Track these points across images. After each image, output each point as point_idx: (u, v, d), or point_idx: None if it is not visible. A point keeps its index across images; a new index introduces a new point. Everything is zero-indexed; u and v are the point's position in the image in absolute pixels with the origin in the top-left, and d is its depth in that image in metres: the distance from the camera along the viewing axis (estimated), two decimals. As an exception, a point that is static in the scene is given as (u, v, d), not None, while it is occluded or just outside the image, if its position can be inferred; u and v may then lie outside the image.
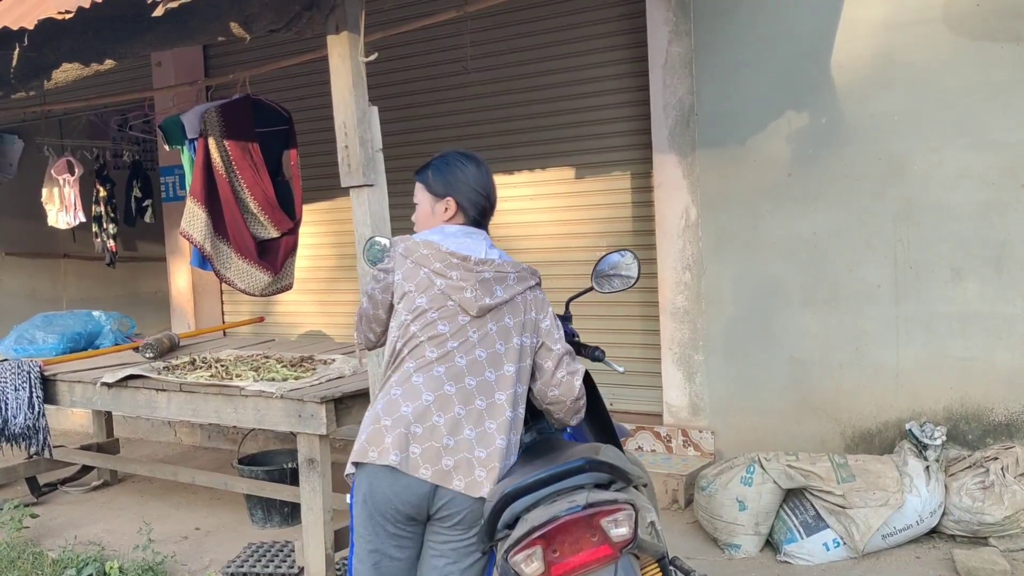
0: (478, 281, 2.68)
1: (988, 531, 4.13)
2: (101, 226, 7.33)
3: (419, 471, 2.54)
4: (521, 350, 2.69)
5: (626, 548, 2.37)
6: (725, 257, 5.09)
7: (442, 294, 2.68)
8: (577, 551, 2.34)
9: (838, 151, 4.75)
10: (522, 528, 2.34)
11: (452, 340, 2.65)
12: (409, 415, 2.58)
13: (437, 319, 2.67)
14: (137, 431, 7.29)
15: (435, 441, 2.56)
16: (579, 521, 2.34)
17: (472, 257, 2.71)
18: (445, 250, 2.71)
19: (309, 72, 5.96)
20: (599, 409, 2.97)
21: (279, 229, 5.59)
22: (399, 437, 2.56)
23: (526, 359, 2.71)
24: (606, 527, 2.35)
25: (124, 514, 5.47)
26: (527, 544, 2.32)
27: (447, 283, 2.68)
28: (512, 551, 2.34)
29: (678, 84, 5.13)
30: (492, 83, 5.95)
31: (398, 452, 2.55)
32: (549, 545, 2.33)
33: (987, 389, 4.49)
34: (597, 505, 2.35)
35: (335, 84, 3.66)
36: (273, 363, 4.79)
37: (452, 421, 2.59)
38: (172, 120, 5.68)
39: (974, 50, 4.41)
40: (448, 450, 2.56)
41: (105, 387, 4.75)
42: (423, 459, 2.55)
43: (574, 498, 2.36)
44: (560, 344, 2.76)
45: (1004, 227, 4.41)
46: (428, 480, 2.53)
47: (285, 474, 5.01)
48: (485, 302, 2.67)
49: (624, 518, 2.36)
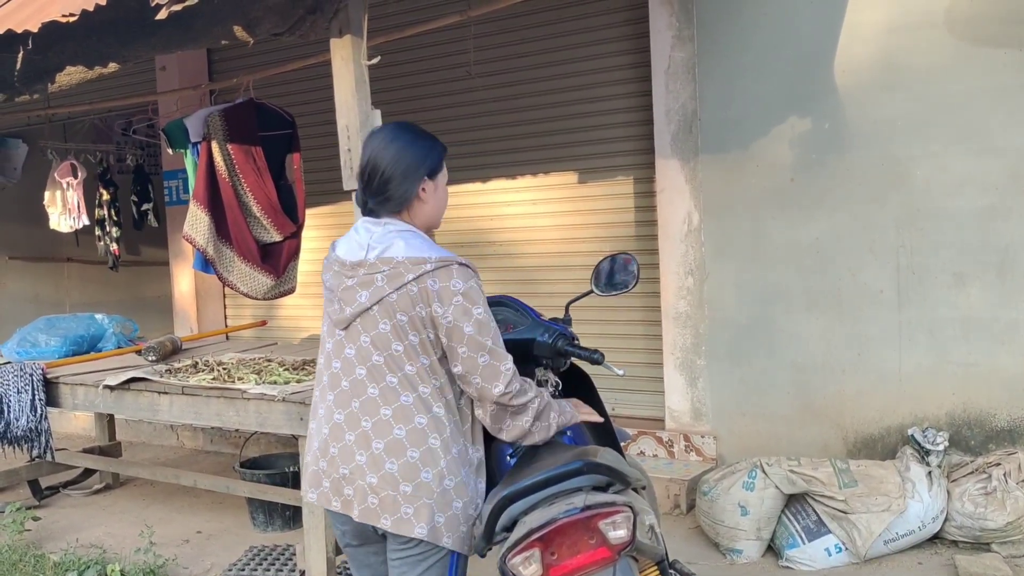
0: (343, 290, 2.54)
1: (990, 537, 4.12)
2: (104, 230, 7.35)
3: (331, 504, 2.55)
4: (414, 349, 2.48)
5: (624, 550, 2.36)
6: (727, 262, 5.09)
7: (327, 311, 2.62)
8: (575, 553, 2.33)
9: (841, 156, 4.75)
10: (520, 530, 2.34)
11: (335, 361, 2.57)
12: (316, 450, 2.59)
13: (326, 339, 2.62)
14: (139, 435, 7.30)
15: (335, 472, 2.53)
16: (577, 523, 2.32)
17: (348, 261, 2.56)
18: (332, 257, 2.63)
19: (313, 76, 5.97)
20: (599, 413, 2.95)
21: (282, 233, 5.59)
22: (313, 475, 2.59)
23: (428, 355, 2.49)
24: (604, 529, 2.33)
25: (126, 517, 5.47)
26: (525, 546, 2.31)
27: (327, 296, 2.61)
28: (510, 554, 2.33)
29: (681, 89, 5.14)
30: (495, 88, 5.96)
31: (314, 489, 2.58)
32: (547, 547, 2.32)
33: (989, 394, 4.48)
34: (595, 507, 2.34)
35: (338, 87, 3.68)
36: (275, 366, 4.79)
37: (344, 450, 2.52)
38: (175, 124, 5.69)
39: (977, 55, 4.41)
40: (346, 480, 2.51)
41: (107, 390, 4.75)
42: (333, 493, 2.54)
43: (572, 500, 2.35)
44: (466, 345, 2.45)
45: (1007, 232, 4.41)
46: (354, 517, 2.51)
47: (287, 478, 5.01)
48: (346, 313, 2.52)
49: (622, 520, 2.34)
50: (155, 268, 8.04)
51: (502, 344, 2.50)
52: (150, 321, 7.63)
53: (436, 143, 2.66)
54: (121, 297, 8.29)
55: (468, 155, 6.13)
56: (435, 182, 2.64)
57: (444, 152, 2.68)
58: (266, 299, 5.83)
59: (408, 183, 2.57)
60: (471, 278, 2.50)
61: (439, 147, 2.67)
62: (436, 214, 2.69)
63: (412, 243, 2.54)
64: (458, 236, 6.11)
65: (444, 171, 2.69)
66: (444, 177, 2.69)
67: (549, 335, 2.87)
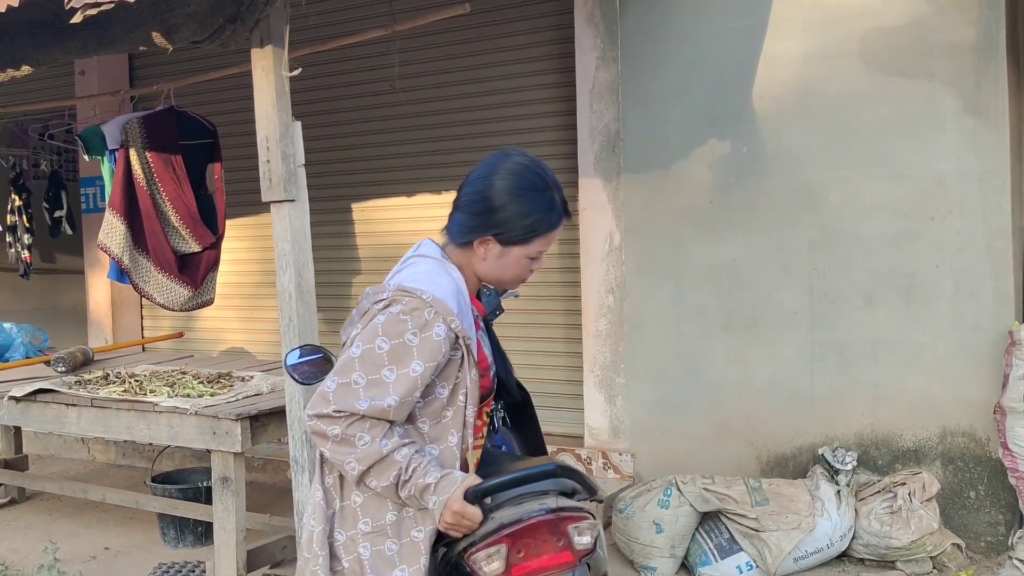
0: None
1: (895, 555, 4.22)
2: (16, 236, 7.15)
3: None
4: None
5: (585, 557, 2.37)
6: (647, 281, 5.14)
7: None
8: (540, 554, 2.32)
9: (758, 180, 4.84)
10: (490, 525, 2.27)
11: None
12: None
13: None
14: (49, 448, 7.09)
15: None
16: (547, 524, 2.32)
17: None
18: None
19: (235, 86, 5.88)
20: (532, 427, 2.91)
21: (201, 243, 5.50)
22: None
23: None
24: (571, 533, 2.33)
25: (31, 533, 5.31)
26: (492, 542, 2.27)
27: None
28: (474, 548, 2.28)
29: (604, 110, 5.19)
30: (420, 103, 5.96)
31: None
32: (514, 545, 2.29)
33: (897, 415, 4.59)
34: (566, 511, 2.34)
35: (258, 98, 3.63)
36: (189, 379, 4.70)
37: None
38: (92, 130, 5.57)
39: (889, 85, 4.54)
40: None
41: (13, 401, 4.61)
42: None
43: (544, 501, 2.34)
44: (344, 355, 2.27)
45: (914, 257, 4.54)
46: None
47: (200, 493, 4.91)
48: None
49: (587, 527, 2.35)
50: (70, 277, 7.85)
51: (367, 381, 2.19)
52: (64, 331, 7.43)
53: (549, 214, 2.32)
54: (34, 306, 8.07)
55: (391, 169, 6.11)
56: (505, 249, 2.34)
57: (548, 228, 2.33)
58: (183, 311, 5.73)
59: (473, 222, 2.34)
60: (415, 320, 2.19)
61: (543, 222, 2.32)
62: (493, 276, 2.41)
63: (413, 271, 2.34)
64: (380, 251, 6.09)
65: (532, 247, 2.35)
66: (526, 252, 2.35)
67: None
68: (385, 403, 2.17)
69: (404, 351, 2.19)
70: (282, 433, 4.17)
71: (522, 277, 2.41)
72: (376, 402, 2.17)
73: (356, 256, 6.36)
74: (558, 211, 2.34)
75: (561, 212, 2.34)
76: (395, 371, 2.18)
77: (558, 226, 2.35)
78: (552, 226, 2.33)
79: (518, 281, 2.44)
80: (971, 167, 4.40)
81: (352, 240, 6.37)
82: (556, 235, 2.37)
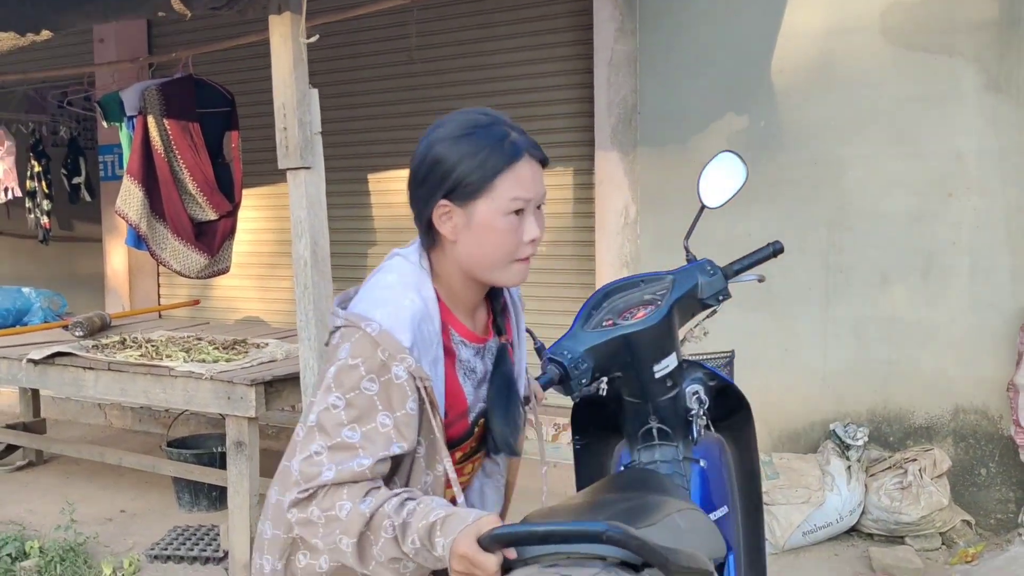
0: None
1: (904, 530, 4.24)
2: (35, 202, 7.20)
3: None
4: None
5: None
6: (662, 256, 5.13)
7: None
8: None
9: (775, 155, 4.82)
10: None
11: None
12: None
13: None
14: (66, 412, 7.17)
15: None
16: None
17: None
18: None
19: (253, 55, 5.90)
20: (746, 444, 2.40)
21: (217, 211, 5.53)
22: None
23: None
24: None
25: (48, 495, 5.38)
26: None
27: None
28: None
29: (622, 82, 5.17)
30: (436, 74, 5.95)
31: None
32: None
33: (909, 393, 4.59)
34: None
35: (275, 65, 3.64)
36: (205, 345, 4.74)
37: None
38: (111, 97, 5.60)
39: (909, 60, 4.51)
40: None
41: (31, 364, 4.67)
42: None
43: (585, 570, 1.63)
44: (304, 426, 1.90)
45: (932, 236, 4.52)
46: None
47: (214, 458, 4.96)
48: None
49: None
50: (88, 244, 7.89)
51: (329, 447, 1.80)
52: (82, 298, 7.50)
53: (498, 146, 1.87)
54: (53, 273, 8.12)
55: (407, 140, 6.10)
56: (468, 211, 1.87)
57: (507, 161, 1.87)
58: (199, 278, 5.76)
59: (421, 192, 1.92)
60: (368, 364, 1.80)
61: (496, 154, 1.86)
62: (477, 259, 1.91)
63: (373, 286, 1.93)
64: (395, 221, 6.10)
65: (499, 193, 1.86)
66: (496, 205, 1.86)
67: (704, 272, 2.33)
68: (355, 465, 1.78)
69: (365, 403, 1.80)
70: (296, 399, 4.21)
71: (515, 249, 1.90)
72: (344, 466, 1.78)
73: (371, 225, 6.37)
74: (513, 142, 1.87)
75: (520, 143, 1.88)
76: (358, 429, 1.79)
77: (519, 157, 1.87)
78: (511, 157, 1.86)
79: (512, 257, 1.91)
80: (991, 144, 4.36)
81: (367, 210, 6.38)
82: (526, 174, 1.88)
